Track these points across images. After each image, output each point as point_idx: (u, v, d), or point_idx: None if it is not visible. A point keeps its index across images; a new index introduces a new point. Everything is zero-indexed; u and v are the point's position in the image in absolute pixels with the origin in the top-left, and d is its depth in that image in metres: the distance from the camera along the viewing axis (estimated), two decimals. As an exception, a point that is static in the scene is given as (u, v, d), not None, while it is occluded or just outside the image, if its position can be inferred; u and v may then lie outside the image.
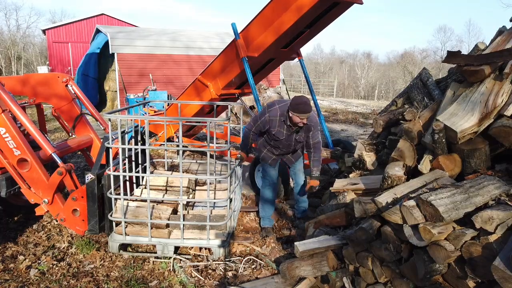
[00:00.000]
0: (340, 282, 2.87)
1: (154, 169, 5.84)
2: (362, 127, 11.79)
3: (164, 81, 14.72)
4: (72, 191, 3.44)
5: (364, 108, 17.03)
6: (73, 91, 4.37)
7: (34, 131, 3.56)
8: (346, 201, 3.38)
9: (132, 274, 3.31)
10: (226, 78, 5.70)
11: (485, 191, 2.23)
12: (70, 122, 4.42)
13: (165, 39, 15.17)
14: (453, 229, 2.19)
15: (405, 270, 2.45)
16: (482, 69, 2.78)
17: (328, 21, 5.21)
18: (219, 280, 3.25)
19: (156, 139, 6.96)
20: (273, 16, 4.73)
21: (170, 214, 3.55)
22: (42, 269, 3.37)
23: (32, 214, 3.73)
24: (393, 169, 2.82)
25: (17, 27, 35.55)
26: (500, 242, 2.00)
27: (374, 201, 2.63)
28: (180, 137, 3.49)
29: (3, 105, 3.40)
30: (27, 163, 3.41)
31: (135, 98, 11.20)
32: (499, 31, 3.52)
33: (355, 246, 2.78)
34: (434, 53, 43.15)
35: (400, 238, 2.44)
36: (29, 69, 32.81)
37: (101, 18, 25.52)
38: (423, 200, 2.20)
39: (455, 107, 2.78)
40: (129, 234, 3.53)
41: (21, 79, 4.33)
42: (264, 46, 5.02)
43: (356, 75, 45.37)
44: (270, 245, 3.86)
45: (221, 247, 3.53)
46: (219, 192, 4.21)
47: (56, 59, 24.46)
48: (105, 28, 15.67)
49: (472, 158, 2.56)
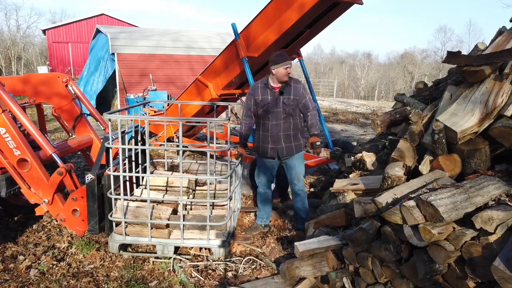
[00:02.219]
0: (340, 282, 2.87)
1: (154, 169, 5.84)
2: (362, 128, 11.79)
3: (165, 81, 14.73)
4: (72, 191, 3.44)
5: (365, 108, 17.02)
6: (73, 91, 4.37)
7: (34, 131, 3.56)
8: (346, 201, 3.38)
9: (132, 274, 3.31)
10: (226, 78, 5.71)
11: (485, 191, 2.23)
12: (70, 122, 4.42)
13: (166, 40, 15.20)
14: (453, 229, 2.19)
15: (405, 270, 2.45)
16: (482, 69, 2.78)
17: (328, 22, 5.22)
18: (219, 280, 3.25)
19: (156, 139, 6.96)
20: (276, 14, 4.74)
21: (170, 214, 3.55)
22: (42, 269, 3.37)
23: (32, 214, 3.73)
24: (393, 169, 2.82)
25: (17, 27, 35.57)
26: (500, 242, 2.00)
27: (374, 202, 2.63)
28: (180, 137, 3.49)
29: (3, 105, 3.40)
30: (27, 163, 3.41)
31: (135, 98, 11.20)
32: (499, 31, 3.52)
33: (355, 246, 2.78)
34: (434, 53, 43.16)
35: (400, 238, 2.44)
36: (29, 69, 32.81)
37: (101, 18, 25.55)
38: (423, 200, 2.20)
39: (455, 107, 2.78)
40: (129, 234, 3.53)
41: (21, 79, 4.34)
42: (265, 45, 5.02)
43: (356, 75, 45.35)
44: (270, 245, 3.86)
45: (221, 247, 3.53)
46: (219, 192, 4.22)
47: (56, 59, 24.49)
48: (105, 28, 15.68)
49: (472, 158, 2.56)
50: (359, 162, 3.86)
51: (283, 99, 3.71)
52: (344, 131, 11.02)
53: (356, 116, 14.06)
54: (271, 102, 3.72)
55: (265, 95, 3.74)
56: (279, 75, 3.62)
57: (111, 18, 25.87)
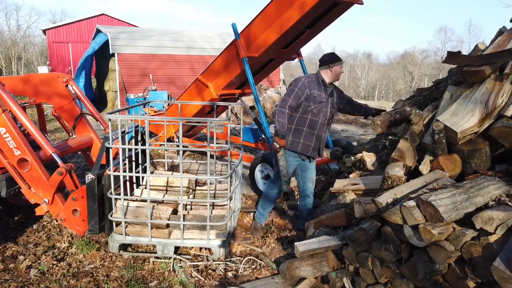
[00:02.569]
0: (340, 282, 2.87)
1: (154, 169, 5.84)
2: (362, 128, 11.79)
3: (166, 81, 14.74)
4: (72, 191, 3.44)
5: (365, 109, 17.01)
6: (73, 91, 4.37)
7: (35, 131, 3.56)
8: (346, 201, 3.38)
9: (132, 274, 3.31)
10: (226, 78, 5.70)
11: (485, 192, 2.23)
12: (70, 122, 4.42)
13: (166, 39, 15.21)
14: (453, 229, 2.19)
15: (405, 270, 2.45)
16: (482, 69, 2.78)
17: (328, 22, 5.21)
18: (219, 280, 3.25)
19: (156, 139, 6.97)
20: (277, 13, 4.73)
21: (170, 214, 3.55)
22: (42, 269, 3.37)
23: (32, 214, 3.73)
24: (393, 169, 2.82)
25: (18, 27, 35.60)
26: (500, 242, 1.99)
27: (374, 202, 2.63)
28: (180, 137, 3.49)
29: (3, 105, 3.40)
30: (27, 163, 3.41)
31: (135, 98, 11.21)
32: (499, 31, 3.51)
33: (355, 247, 2.78)
34: (434, 54, 43.16)
35: (400, 238, 2.44)
36: (30, 69, 32.84)
37: (101, 18, 25.53)
38: (423, 200, 2.20)
39: (455, 108, 2.77)
40: (129, 234, 3.54)
41: (22, 79, 4.34)
42: (265, 45, 5.01)
43: (356, 76, 45.36)
44: (270, 245, 3.86)
45: (221, 247, 3.53)
46: (219, 192, 4.21)
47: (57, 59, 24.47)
48: (106, 28, 15.69)
49: (472, 158, 2.56)
50: (359, 162, 3.86)
51: (332, 100, 3.76)
52: (344, 131, 11.02)
53: (356, 116, 14.04)
54: (325, 100, 3.70)
55: (321, 92, 3.69)
56: (336, 72, 3.69)
57: (111, 18, 25.84)
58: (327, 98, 3.73)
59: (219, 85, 5.81)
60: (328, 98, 3.74)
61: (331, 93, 3.77)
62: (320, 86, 3.70)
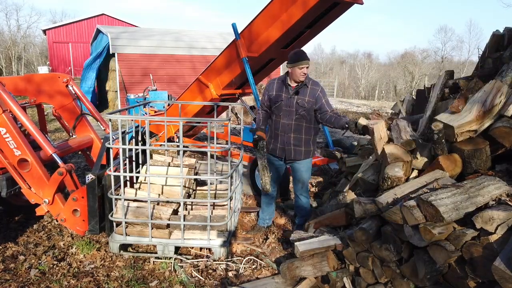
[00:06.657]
0: (341, 282, 2.87)
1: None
2: (362, 127, 11.76)
3: (167, 81, 14.74)
4: (72, 191, 3.44)
5: (366, 108, 17.02)
6: (73, 91, 4.37)
7: (35, 131, 3.56)
8: (346, 201, 3.38)
9: (132, 274, 3.31)
10: (226, 78, 5.70)
11: (485, 191, 2.23)
12: (70, 122, 4.42)
13: (167, 39, 15.20)
14: (453, 229, 2.19)
15: (405, 270, 2.45)
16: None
17: (329, 21, 5.22)
18: (219, 280, 3.25)
19: (156, 139, 6.96)
20: (280, 11, 4.74)
21: (170, 214, 3.55)
22: (42, 269, 3.38)
23: (33, 214, 3.73)
24: (392, 170, 2.82)
25: (18, 27, 35.55)
26: (500, 242, 2.00)
27: (375, 202, 2.63)
28: (181, 137, 3.49)
29: (3, 105, 3.40)
30: (27, 163, 3.41)
31: (135, 98, 11.20)
32: (493, 34, 3.53)
33: (355, 246, 2.78)
34: (434, 53, 43.11)
35: (400, 238, 2.44)
36: (30, 69, 32.83)
37: (101, 18, 25.56)
38: (423, 200, 2.20)
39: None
40: (130, 234, 3.54)
41: (22, 79, 4.33)
42: (267, 43, 5.01)
43: (356, 75, 45.34)
44: (271, 245, 3.86)
45: (221, 247, 3.53)
46: (219, 192, 4.21)
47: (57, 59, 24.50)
48: (106, 28, 15.68)
49: (472, 158, 2.56)
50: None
51: (297, 99, 3.60)
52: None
53: (357, 116, 14.04)
54: (284, 100, 3.63)
55: (280, 91, 3.65)
56: (293, 74, 3.53)
57: (111, 18, 25.86)
58: (288, 98, 3.61)
59: (220, 85, 5.81)
60: (290, 97, 3.61)
61: (295, 92, 3.59)
62: (282, 86, 3.67)
